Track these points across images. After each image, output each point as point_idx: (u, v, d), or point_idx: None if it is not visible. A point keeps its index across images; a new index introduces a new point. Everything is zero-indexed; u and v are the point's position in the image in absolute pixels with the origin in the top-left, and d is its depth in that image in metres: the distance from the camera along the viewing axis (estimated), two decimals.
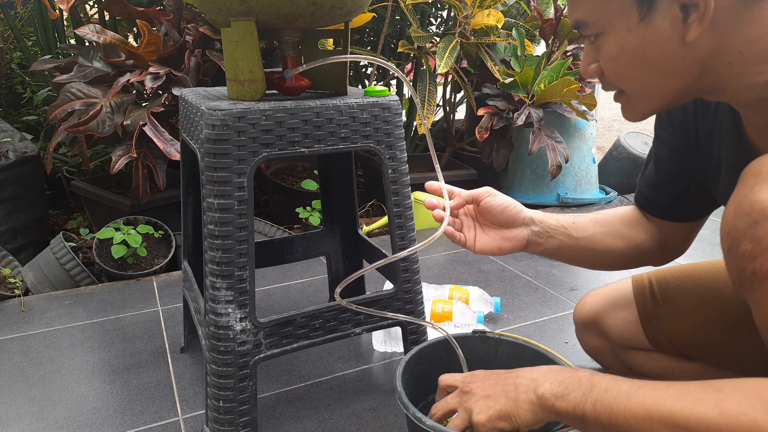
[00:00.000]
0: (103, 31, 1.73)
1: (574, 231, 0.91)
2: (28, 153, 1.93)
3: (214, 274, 0.87)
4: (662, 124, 0.89)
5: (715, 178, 0.80)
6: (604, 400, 0.61)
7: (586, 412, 0.63)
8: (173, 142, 1.64)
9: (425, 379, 0.86)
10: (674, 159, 0.88)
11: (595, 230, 0.92)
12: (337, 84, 0.97)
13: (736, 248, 0.57)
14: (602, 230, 0.93)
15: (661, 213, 0.93)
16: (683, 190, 0.89)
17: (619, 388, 0.61)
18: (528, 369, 0.72)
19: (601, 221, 0.94)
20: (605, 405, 0.61)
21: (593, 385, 0.63)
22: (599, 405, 0.61)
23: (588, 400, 0.63)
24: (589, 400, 0.63)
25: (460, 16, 2.13)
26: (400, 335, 1.21)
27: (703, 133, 0.80)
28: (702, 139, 0.81)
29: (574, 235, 0.91)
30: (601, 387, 0.63)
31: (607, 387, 0.62)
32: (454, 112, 2.65)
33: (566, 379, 0.67)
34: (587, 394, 0.63)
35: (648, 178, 0.94)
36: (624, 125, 5.47)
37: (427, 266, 1.75)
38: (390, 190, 0.97)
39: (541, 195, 2.43)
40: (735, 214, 0.58)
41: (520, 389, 0.69)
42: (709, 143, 0.79)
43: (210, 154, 0.83)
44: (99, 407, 1.08)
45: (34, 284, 1.64)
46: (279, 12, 0.80)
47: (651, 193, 0.94)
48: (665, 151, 0.89)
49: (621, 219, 0.95)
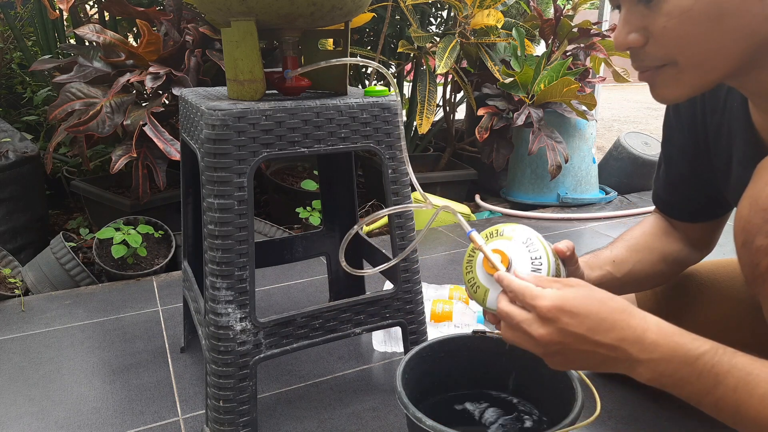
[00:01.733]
0: (103, 31, 1.73)
1: (616, 271, 0.87)
2: (28, 153, 1.93)
3: (214, 274, 0.87)
4: (670, 125, 0.88)
5: (725, 175, 0.79)
6: (731, 400, 0.56)
7: (703, 405, 0.58)
8: (173, 142, 1.64)
9: (425, 379, 0.85)
10: (685, 160, 0.87)
11: (634, 261, 0.89)
12: (337, 84, 0.97)
13: (750, 243, 0.57)
14: (639, 257, 0.89)
15: (680, 215, 0.93)
16: (697, 190, 0.88)
17: (754, 390, 0.55)
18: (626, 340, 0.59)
19: (636, 246, 0.91)
20: (731, 405, 0.56)
21: (718, 382, 0.57)
22: (723, 404, 0.57)
23: (708, 397, 0.58)
24: (709, 397, 0.58)
25: (460, 16, 2.13)
26: (400, 335, 1.21)
27: (712, 131, 0.80)
28: (711, 137, 0.80)
29: (618, 276, 0.87)
30: (728, 385, 0.56)
31: (737, 386, 0.56)
32: (454, 112, 2.65)
33: (680, 369, 0.58)
34: (709, 391, 0.57)
35: (662, 180, 0.93)
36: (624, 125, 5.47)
37: (427, 266, 1.75)
38: (390, 190, 0.97)
39: (541, 195, 2.43)
40: (751, 209, 0.57)
41: (617, 366, 0.61)
42: (718, 140, 0.79)
43: (210, 154, 0.83)
44: (99, 407, 1.08)
45: (34, 284, 1.64)
46: (279, 12, 0.80)
47: (667, 196, 0.93)
48: (675, 152, 0.89)
49: (651, 233, 0.93)
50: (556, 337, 0.60)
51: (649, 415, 1.02)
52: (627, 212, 2.28)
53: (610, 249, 0.90)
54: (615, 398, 1.06)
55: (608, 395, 1.07)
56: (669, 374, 0.59)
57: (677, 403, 1.03)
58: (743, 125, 0.72)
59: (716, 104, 0.77)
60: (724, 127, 0.77)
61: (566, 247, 0.73)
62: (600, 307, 0.60)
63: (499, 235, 0.73)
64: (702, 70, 0.61)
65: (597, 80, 2.54)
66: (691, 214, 0.92)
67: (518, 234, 0.72)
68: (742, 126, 0.72)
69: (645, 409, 1.03)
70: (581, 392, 0.74)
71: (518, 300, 0.63)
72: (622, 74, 2.52)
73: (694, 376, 0.58)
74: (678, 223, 0.94)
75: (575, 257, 0.76)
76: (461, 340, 0.89)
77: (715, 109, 0.78)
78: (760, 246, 0.55)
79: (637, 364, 0.60)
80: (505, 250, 0.70)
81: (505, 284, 0.65)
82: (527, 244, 0.71)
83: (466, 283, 0.74)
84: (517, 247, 0.70)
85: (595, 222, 2.22)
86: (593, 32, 2.37)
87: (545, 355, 0.63)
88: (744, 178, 0.61)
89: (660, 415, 1.02)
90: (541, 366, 0.82)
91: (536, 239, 0.71)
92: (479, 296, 0.72)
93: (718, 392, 0.57)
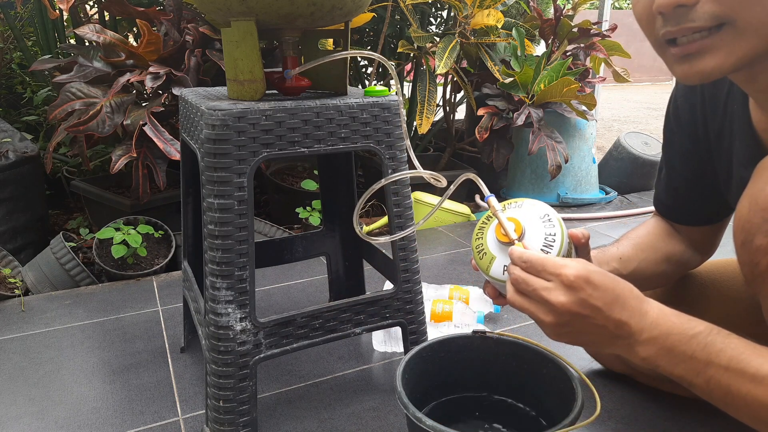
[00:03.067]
0: (103, 31, 1.73)
1: (623, 268, 0.88)
2: (28, 153, 1.93)
3: (214, 274, 0.87)
4: (671, 129, 0.88)
5: (727, 178, 0.79)
6: (722, 380, 0.58)
7: (696, 386, 0.60)
8: (173, 142, 1.64)
9: (425, 379, 0.85)
10: (686, 164, 0.87)
11: (639, 260, 0.90)
12: (337, 84, 0.97)
13: (750, 242, 0.57)
14: (644, 256, 0.91)
15: (682, 219, 0.93)
16: (699, 194, 0.88)
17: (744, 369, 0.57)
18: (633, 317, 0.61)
19: (641, 245, 0.92)
20: (722, 386, 0.58)
21: (710, 361, 0.58)
22: (714, 383, 0.58)
23: (700, 377, 0.59)
24: (701, 376, 0.59)
25: (460, 16, 2.13)
26: (400, 335, 1.21)
27: (713, 133, 0.80)
28: (712, 141, 0.80)
29: (623, 273, 0.88)
30: (720, 365, 0.58)
31: (729, 366, 0.57)
32: (454, 112, 2.65)
33: (675, 347, 0.60)
34: (700, 371, 0.59)
35: (663, 184, 0.94)
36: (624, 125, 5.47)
37: (427, 266, 1.75)
38: (390, 190, 0.97)
39: (541, 195, 2.43)
40: (750, 208, 0.57)
41: (617, 343, 0.63)
42: (720, 143, 0.79)
43: (210, 154, 0.83)
44: (99, 407, 1.08)
45: (34, 284, 1.64)
46: (279, 12, 0.80)
47: (668, 200, 0.94)
48: (676, 156, 0.88)
49: (655, 234, 0.94)
50: (575, 307, 0.60)
51: (649, 415, 1.02)
52: (627, 212, 2.28)
53: (617, 246, 0.91)
54: (615, 398, 1.06)
55: (608, 395, 1.07)
56: (664, 353, 0.60)
57: (677, 403, 1.03)
58: (743, 126, 0.72)
59: (717, 107, 0.77)
60: (725, 130, 0.77)
61: (582, 235, 0.73)
62: (615, 284, 0.62)
63: (518, 207, 0.73)
64: (759, 35, 0.55)
65: (597, 80, 2.54)
66: (693, 218, 0.92)
67: (537, 209, 0.72)
68: (743, 127, 0.72)
69: (645, 409, 1.03)
70: (581, 392, 0.74)
71: (534, 270, 0.63)
72: (622, 74, 2.52)
73: (688, 354, 0.59)
74: (680, 227, 0.94)
75: (588, 247, 0.76)
76: (461, 340, 0.89)
77: (715, 112, 0.78)
78: (760, 245, 0.56)
79: (636, 343, 0.61)
80: (521, 220, 0.70)
81: (517, 257, 0.65)
82: (544, 219, 0.70)
83: (473, 249, 0.74)
84: (533, 220, 0.70)
85: (595, 222, 2.22)
86: (593, 32, 2.37)
87: (555, 325, 0.63)
88: (745, 178, 0.61)
89: (660, 415, 1.02)
90: (541, 366, 0.82)
91: (555, 217, 0.71)
92: (484, 263, 0.72)
93: (710, 371, 0.58)
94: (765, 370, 0.56)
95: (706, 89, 0.80)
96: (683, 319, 0.61)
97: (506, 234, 0.69)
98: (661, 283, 0.95)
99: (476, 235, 0.75)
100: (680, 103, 0.85)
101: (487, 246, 0.72)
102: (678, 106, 0.86)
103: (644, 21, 0.61)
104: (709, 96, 0.79)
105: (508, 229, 0.69)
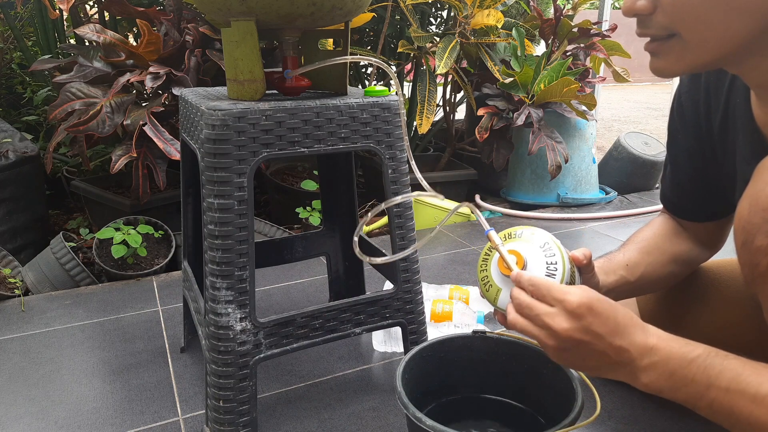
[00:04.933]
0: (103, 30, 1.73)
1: (630, 275, 0.88)
2: (28, 153, 1.93)
3: (214, 274, 0.87)
4: (675, 126, 0.88)
5: (731, 173, 0.79)
6: (724, 401, 0.58)
7: (699, 408, 0.60)
8: (173, 142, 1.64)
9: (425, 379, 0.85)
10: (690, 160, 0.87)
11: (646, 264, 0.90)
12: (337, 84, 0.97)
13: (750, 243, 0.57)
14: (651, 260, 0.90)
15: (688, 215, 0.93)
16: (704, 190, 0.88)
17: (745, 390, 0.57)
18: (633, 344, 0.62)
19: (647, 248, 0.92)
20: (725, 407, 0.58)
21: (710, 384, 0.59)
22: (717, 405, 0.58)
23: (703, 400, 0.59)
24: (704, 399, 0.59)
25: (460, 16, 2.13)
26: (400, 335, 1.21)
27: (717, 130, 0.80)
28: (716, 136, 0.80)
29: (631, 280, 0.88)
30: (720, 386, 0.58)
31: (729, 387, 0.58)
32: (454, 112, 2.65)
33: (676, 372, 0.60)
34: (702, 394, 0.59)
35: (669, 181, 0.94)
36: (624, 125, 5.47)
37: (427, 266, 1.75)
38: (390, 190, 0.97)
39: (541, 195, 2.43)
40: (750, 208, 0.57)
41: (618, 370, 0.64)
42: (724, 138, 0.78)
43: (210, 154, 0.83)
44: (99, 407, 1.08)
45: (34, 284, 1.64)
46: (279, 12, 0.80)
47: (674, 197, 0.94)
48: (681, 153, 0.88)
49: (661, 235, 0.94)
50: (577, 334, 0.62)
51: (649, 415, 1.02)
52: (627, 212, 2.28)
53: (623, 252, 0.91)
54: (615, 398, 1.06)
55: (608, 395, 1.07)
56: (665, 378, 0.61)
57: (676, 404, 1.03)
58: (746, 121, 0.71)
59: (719, 103, 0.77)
60: (729, 125, 0.76)
61: (583, 256, 0.74)
62: (617, 312, 0.63)
63: (517, 237, 0.74)
64: (705, 48, 0.60)
65: (597, 80, 2.54)
66: (699, 214, 0.92)
67: (536, 238, 0.73)
68: (745, 122, 0.71)
69: (645, 409, 1.03)
70: (581, 392, 0.74)
71: (538, 296, 0.65)
72: (622, 74, 2.52)
73: (689, 378, 0.60)
74: (687, 223, 0.94)
75: (591, 265, 0.77)
76: (461, 340, 0.89)
77: (718, 108, 0.78)
78: (760, 246, 0.55)
79: (638, 369, 0.62)
80: (522, 252, 0.72)
81: (525, 280, 0.66)
82: (544, 248, 0.72)
83: (479, 281, 0.76)
84: (533, 250, 0.72)
85: (595, 222, 2.22)
86: (593, 32, 2.37)
87: (558, 350, 0.64)
88: (747, 175, 0.61)
89: (660, 415, 1.02)
90: (541, 366, 0.82)
91: (554, 244, 0.72)
92: (491, 295, 0.74)
93: (712, 394, 0.59)
94: (764, 390, 0.56)
95: (710, 84, 0.79)
96: (681, 343, 0.62)
97: (509, 267, 0.70)
98: (669, 283, 0.95)
99: (480, 267, 0.77)
100: (684, 100, 0.85)
101: (492, 278, 0.74)
102: (682, 103, 0.86)
103: None
104: (713, 90, 0.78)
105: (510, 263, 0.71)
